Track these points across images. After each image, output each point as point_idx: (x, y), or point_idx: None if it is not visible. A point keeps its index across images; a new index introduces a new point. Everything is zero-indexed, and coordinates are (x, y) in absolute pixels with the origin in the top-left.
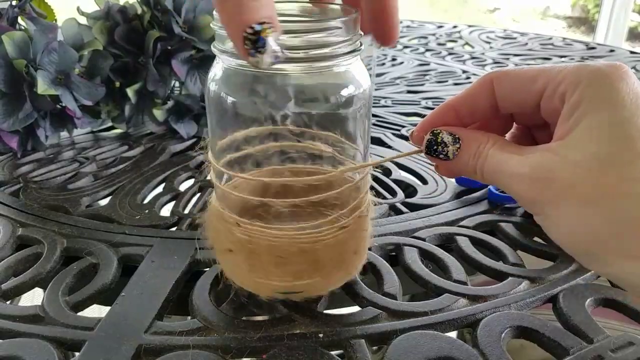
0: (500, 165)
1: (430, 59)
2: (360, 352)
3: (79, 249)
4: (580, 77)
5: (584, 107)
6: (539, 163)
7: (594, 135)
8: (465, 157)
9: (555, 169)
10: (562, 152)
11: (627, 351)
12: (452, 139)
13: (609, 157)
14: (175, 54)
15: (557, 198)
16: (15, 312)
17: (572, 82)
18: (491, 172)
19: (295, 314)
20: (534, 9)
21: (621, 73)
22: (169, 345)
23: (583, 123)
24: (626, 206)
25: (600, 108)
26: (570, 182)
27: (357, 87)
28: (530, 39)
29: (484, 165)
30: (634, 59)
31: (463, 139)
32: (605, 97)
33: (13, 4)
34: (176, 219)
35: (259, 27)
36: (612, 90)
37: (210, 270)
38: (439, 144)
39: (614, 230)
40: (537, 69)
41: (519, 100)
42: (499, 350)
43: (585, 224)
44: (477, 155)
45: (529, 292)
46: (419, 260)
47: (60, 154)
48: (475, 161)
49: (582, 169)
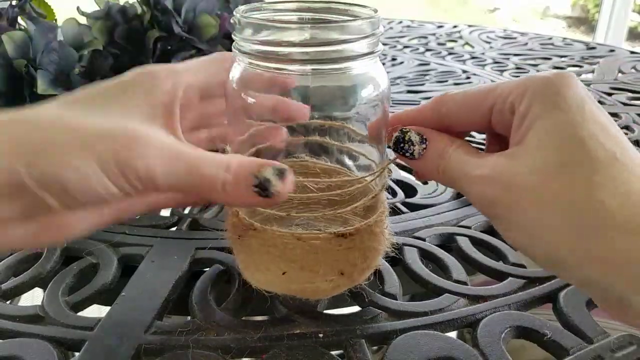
0: (460, 166)
1: (430, 59)
2: (360, 352)
3: (79, 249)
4: (527, 87)
5: (533, 115)
6: (498, 166)
7: (544, 141)
8: (430, 157)
9: (513, 173)
10: (517, 157)
11: (627, 351)
12: (420, 138)
13: (561, 161)
14: (175, 54)
15: (516, 202)
16: (15, 312)
17: (519, 93)
18: (451, 172)
19: (295, 314)
20: (534, 9)
21: (566, 80)
22: (169, 345)
23: (533, 130)
24: (582, 209)
25: (548, 114)
26: (528, 186)
27: (375, 88)
28: (530, 39)
29: (446, 165)
30: (634, 59)
31: (430, 140)
32: (552, 103)
33: (13, 4)
34: (176, 219)
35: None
36: (558, 96)
37: (211, 270)
38: (406, 142)
39: (573, 233)
40: (485, 88)
41: (470, 120)
42: (499, 350)
43: (545, 228)
44: (441, 156)
45: (529, 292)
46: (419, 260)
47: None
48: (439, 161)
49: (536, 174)
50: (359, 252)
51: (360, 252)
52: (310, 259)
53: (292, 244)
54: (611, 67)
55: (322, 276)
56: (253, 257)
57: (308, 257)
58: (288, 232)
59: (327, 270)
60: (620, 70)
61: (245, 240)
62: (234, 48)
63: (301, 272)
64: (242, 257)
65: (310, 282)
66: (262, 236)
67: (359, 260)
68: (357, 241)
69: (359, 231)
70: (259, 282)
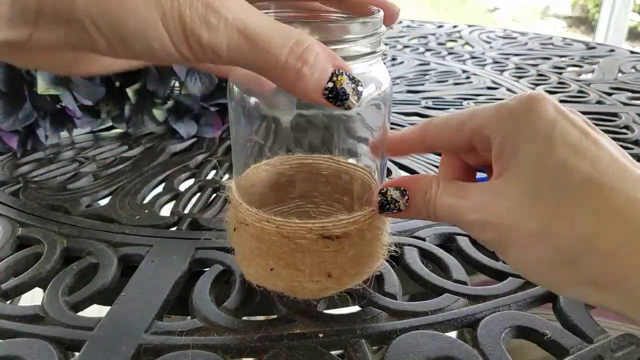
0: (450, 212)
1: (430, 59)
2: (360, 352)
3: (79, 249)
4: (498, 119)
5: (507, 149)
6: (483, 208)
7: (518, 175)
8: (415, 207)
9: (498, 212)
10: (498, 194)
11: (627, 351)
12: (400, 193)
13: (536, 194)
14: None
15: (508, 238)
16: (15, 312)
17: (492, 127)
18: (444, 216)
19: (295, 314)
20: (534, 9)
21: (533, 104)
22: (169, 345)
23: (509, 164)
24: (559, 239)
25: (520, 147)
26: (514, 220)
27: (377, 87)
28: (530, 38)
29: (435, 211)
30: (634, 59)
31: (409, 191)
32: (522, 135)
33: None
34: (176, 218)
35: (330, 84)
36: (526, 127)
37: (211, 270)
38: (390, 202)
39: (564, 261)
40: (462, 115)
41: (454, 147)
42: (499, 350)
43: (538, 259)
44: (426, 202)
45: (529, 292)
46: (419, 260)
47: (60, 153)
48: (427, 207)
49: (520, 207)
50: (348, 257)
51: (350, 256)
52: (296, 257)
53: (279, 241)
54: (611, 67)
55: (308, 276)
56: (245, 251)
57: (294, 255)
58: (275, 229)
59: (313, 271)
60: (620, 70)
61: (239, 233)
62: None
63: (287, 270)
64: (236, 250)
65: (297, 280)
66: (252, 231)
67: (348, 265)
68: (346, 245)
69: (348, 235)
70: (251, 276)
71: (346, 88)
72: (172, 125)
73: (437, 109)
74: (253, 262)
